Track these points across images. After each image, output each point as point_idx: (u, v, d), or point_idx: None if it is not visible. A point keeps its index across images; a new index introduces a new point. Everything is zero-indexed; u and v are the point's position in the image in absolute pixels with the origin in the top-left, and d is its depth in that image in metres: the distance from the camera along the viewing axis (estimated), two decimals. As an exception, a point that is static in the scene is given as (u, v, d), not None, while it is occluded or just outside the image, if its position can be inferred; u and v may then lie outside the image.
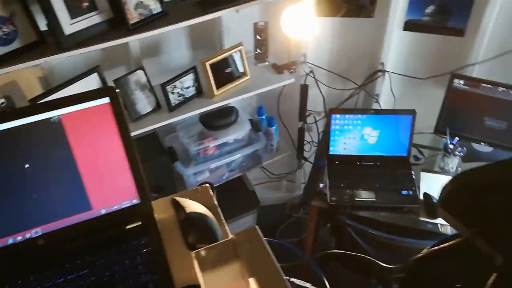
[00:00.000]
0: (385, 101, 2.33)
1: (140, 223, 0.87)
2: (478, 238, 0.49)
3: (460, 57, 2.08)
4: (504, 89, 1.90)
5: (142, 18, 1.72)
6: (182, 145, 2.13)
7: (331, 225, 2.09)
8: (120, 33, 1.66)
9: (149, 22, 1.73)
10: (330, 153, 2.07)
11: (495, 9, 1.91)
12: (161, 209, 0.89)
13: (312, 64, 2.25)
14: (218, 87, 2.01)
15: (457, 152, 1.94)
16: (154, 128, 1.95)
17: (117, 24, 1.68)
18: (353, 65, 2.30)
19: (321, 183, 1.99)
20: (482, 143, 2.03)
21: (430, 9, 2.04)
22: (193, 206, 0.84)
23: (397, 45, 2.18)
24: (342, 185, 1.93)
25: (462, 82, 1.97)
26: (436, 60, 2.15)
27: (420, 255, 0.54)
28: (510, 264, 0.47)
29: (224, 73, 2.03)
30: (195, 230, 0.81)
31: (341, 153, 2.07)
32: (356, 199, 1.86)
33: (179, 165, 2.07)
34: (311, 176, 2.07)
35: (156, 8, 1.75)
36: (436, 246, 0.53)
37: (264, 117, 2.33)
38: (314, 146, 2.52)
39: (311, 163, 2.53)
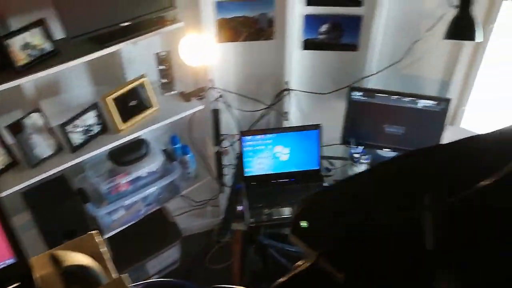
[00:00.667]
0: (295, 118, 2.41)
1: (19, 283, 0.81)
2: (323, 260, 0.50)
3: (356, 70, 2.21)
4: (398, 97, 2.05)
5: (32, 59, 1.64)
6: (92, 185, 2.03)
7: (255, 247, 2.09)
8: (8, 76, 1.58)
9: (40, 62, 1.66)
10: (246, 174, 2.09)
11: (381, 25, 2.06)
12: (42, 265, 0.83)
13: (221, 88, 2.27)
14: (124, 121, 1.96)
15: (362, 160, 2.05)
16: (60, 171, 1.85)
17: (4, 67, 1.60)
18: (260, 86, 2.36)
19: (240, 205, 1.99)
20: (385, 149, 2.15)
21: (324, 28, 2.15)
22: (73, 258, 0.79)
23: (298, 64, 2.27)
24: (260, 205, 1.94)
25: (359, 94, 2.09)
26: (336, 75, 2.26)
27: (277, 283, 0.54)
28: (352, 282, 0.49)
29: (129, 106, 1.98)
30: (77, 283, 0.76)
31: (257, 174, 2.10)
32: (274, 217, 1.89)
33: (91, 206, 1.98)
34: (229, 200, 2.07)
35: (46, 47, 1.68)
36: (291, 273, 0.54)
37: (178, 145, 2.30)
38: (232, 169, 2.52)
39: (229, 187, 2.53)
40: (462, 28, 1.68)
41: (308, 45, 2.20)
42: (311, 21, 2.13)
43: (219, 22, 2.11)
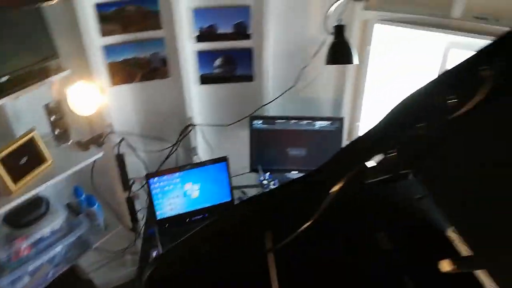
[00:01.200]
0: (203, 152, 2.41)
1: None
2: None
3: (256, 100, 2.28)
4: (296, 121, 2.14)
5: None
6: (-14, 255, 1.84)
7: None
8: None
9: None
10: (158, 218, 2.03)
11: (271, 55, 2.15)
12: None
13: (122, 132, 2.20)
14: (16, 181, 1.81)
15: (271, 185, 2.09)
16: None
17: None
18: (164, 124, 2.33)
19: (155, 251, 1.92)
20: (292, 172, 2.22)
21: (218, 62, 2.19)
22: None
23: (199, 99, 2.29)
24: (175, 247, 1.89)
25: (260, 122, 2.15)
26: (237, 105, 2.31)
27: None
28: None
29: (20, 164, 1.84)
30: None
31: (169, 215, 2.05)
32: (190, 258, 1.84)
33: (-13, 280, 1.78)
34: (143, 247, 1.99)
35: None
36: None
37: (83, 197, 2.18)
38: (145, 213, 2.44)
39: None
40: (339, 53, 1.81)
41: (205, 79, 2.23)
42: (204, 57, 2.16)
43: (110, 66, 2.06)
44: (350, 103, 2.24)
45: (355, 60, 1.84)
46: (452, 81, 0.47)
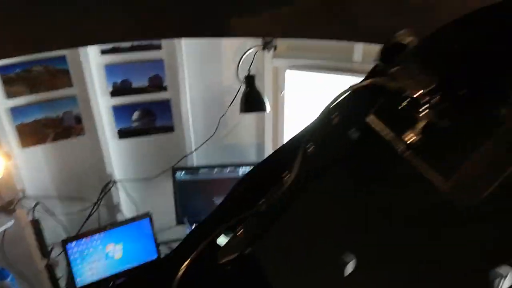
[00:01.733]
0: (127, 209, 2.32)
1: None
2: None
3: (178, 150, 2.25)
4: (219, 169, 2.13)
5: None
6: None
7: None
8: None
9: None
10: (78, 286, 1.90)
11: (188, 106, 2.16)
12: None
13: (37, 195, 2.08)
14: None
15: (199, 238, 2.04)
16: None
17: None
18: (84, 183, 2.23)
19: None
20: (219, 220, 2.19)
21: (136, 115, 2.16)
22: None
23: (119, 153, 2.22)
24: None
25: (183, 173, 2.12)
26: (160, 158, 2.27)
27: None
28: None
29: None
30: None
31: (91, 281, 1.92)
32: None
33: None
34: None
35: None
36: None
37: (-7, 271, 2.00)
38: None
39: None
40: (251, 102, 1.86)
41: (123, 134, 2.18)
42: (120, 111, 2.12)
43: (19, 128, 1.97)
44: (271, 147, 2.28)
45: (267, 107, 1.89)
46: (283, 159, 0.49)
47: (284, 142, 2.25)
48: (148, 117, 2.18)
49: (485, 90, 0.35)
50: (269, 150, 2.29)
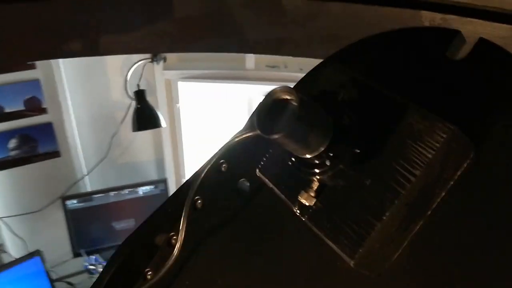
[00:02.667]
0: (15, 248, 2.05)
1: None
2: None
3: (67, 176, 2.05)
4: (116, 192, 1.98)
5: None
6: None
7: None
8: None
9: None
10: None
11: (74, 126, 1.97)
12: None
13: None
14: None
15: (100, 269, 1.88)
16: None
17: None
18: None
19: None
20: (122, 246, 2.04)
21: (13, 143, 1.92)
22: None
23: (-3, 188, 1.96)
24: None
25: (75, 201, 1.93)
26: (48, 186, 2.04)
27: None
28: None
29: None
30: None
31: None
32: None
33: None
34: None
35: None
36: None
37: None
38: None
39: None
40: (144, 118, 1.75)
41: (0, 165, 1.92)
42: (-6, 140, 1.87)
43: None
44: (172, 162, 2.19)
45: (163, 123, 1.80)
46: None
47: (185, 156, 2.18)
48: (28, 144, 1.95)
49: (380, 143, 0.32)
50: (170, 166, 2.19)
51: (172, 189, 2.11)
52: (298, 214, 0.35)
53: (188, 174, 2.23)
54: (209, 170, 0.48)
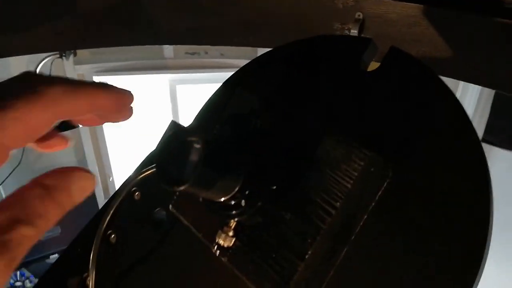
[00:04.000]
0: None
1: None
2: None
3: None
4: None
5: None
6: None
7: None
8: None
9: None
10: None
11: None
12: None
13: None
14: None
15: (28, 285, 1.75)
16: None
17: None
18: None
19: None
20: (51, 257, 1.91)
21: None
22: None
23: None
24: None
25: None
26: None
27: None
28: None
29: None
30: None
31: None
32: None
33: None
34: None
35: None
36: None
37: None
38: None
39: None
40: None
41: None
42: None
43: None
44: (95, 161, 2.06)
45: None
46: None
47: (110, 154, 2.06)
48: None
49: (298, 174, 0.29)
50: (93, 166, 2.06)
51: (98, 190, 2.00)
52: (217, 255, 0.32)
53: (115, 172, 2.12)
54: (122, 199, 0.44)
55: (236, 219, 0.30)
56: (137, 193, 0.45)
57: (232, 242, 0.31)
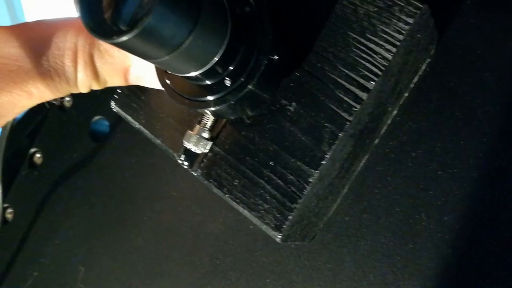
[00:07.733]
0: None
1: None
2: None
3: None
4: None
5: None
6: None
7: None
8: None
9: None
10: None
11: None
12: None
13: None
14: None
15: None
16: None
17: None
18: None
19: None
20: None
21: None
22: None
23: None
24: None
25: None
26: None
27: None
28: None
29: None
30: None
31: None
32: None
33: None
34: None
35: None
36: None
37: None
38: None
39: None
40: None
41: None
42: None
43: None
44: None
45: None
46: None
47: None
48: None
49: (309, 40, 0.19)
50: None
51: None
52: (185, 166, 0.22)
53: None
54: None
55: (216, 111, 0.19)
56: (68, 100, 0.34)
57: (208, 148, 0.21)
